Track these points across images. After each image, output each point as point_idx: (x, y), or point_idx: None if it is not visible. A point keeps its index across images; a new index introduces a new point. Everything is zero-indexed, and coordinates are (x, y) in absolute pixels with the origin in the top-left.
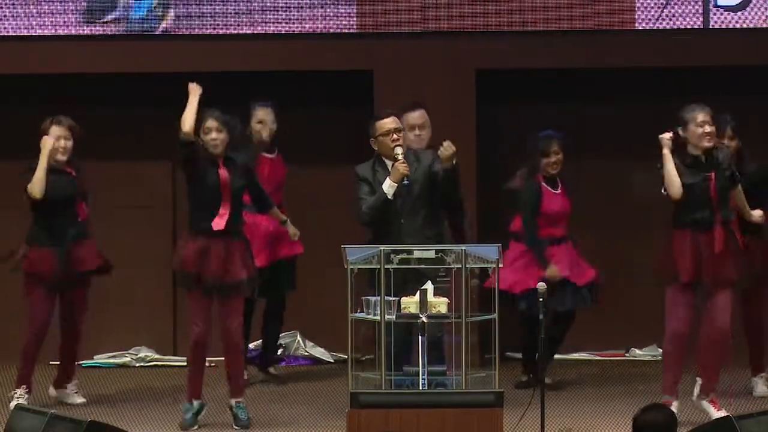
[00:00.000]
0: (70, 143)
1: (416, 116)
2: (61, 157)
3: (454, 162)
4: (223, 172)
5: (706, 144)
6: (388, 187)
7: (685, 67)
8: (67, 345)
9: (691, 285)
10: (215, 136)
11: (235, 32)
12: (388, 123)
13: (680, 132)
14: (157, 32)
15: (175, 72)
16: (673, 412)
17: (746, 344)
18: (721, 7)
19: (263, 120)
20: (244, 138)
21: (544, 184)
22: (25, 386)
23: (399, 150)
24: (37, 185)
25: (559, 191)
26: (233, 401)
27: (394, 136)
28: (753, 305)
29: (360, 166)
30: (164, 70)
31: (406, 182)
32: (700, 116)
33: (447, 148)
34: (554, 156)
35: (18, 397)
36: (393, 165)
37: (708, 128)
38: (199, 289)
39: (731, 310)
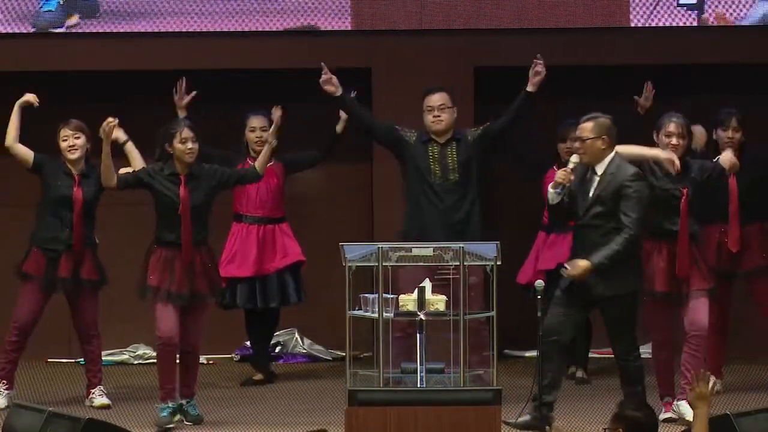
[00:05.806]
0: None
1: (435, 98)
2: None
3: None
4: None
5: None
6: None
7: (685, 65)
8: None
9: (666, 294)
10: (192, 146)
11: (232, 29)
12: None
13: (655, 139)
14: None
15: (174, 69)
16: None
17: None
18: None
19: (255, 128)
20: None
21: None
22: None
23: (575, 158)
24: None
25: None
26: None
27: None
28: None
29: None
30: (165, 67)
31: (559, 191)
32: (670, 127)
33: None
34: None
35: None
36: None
37: (674, 140)
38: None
39: (706, 314)
